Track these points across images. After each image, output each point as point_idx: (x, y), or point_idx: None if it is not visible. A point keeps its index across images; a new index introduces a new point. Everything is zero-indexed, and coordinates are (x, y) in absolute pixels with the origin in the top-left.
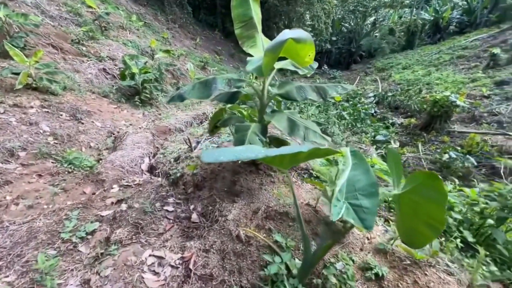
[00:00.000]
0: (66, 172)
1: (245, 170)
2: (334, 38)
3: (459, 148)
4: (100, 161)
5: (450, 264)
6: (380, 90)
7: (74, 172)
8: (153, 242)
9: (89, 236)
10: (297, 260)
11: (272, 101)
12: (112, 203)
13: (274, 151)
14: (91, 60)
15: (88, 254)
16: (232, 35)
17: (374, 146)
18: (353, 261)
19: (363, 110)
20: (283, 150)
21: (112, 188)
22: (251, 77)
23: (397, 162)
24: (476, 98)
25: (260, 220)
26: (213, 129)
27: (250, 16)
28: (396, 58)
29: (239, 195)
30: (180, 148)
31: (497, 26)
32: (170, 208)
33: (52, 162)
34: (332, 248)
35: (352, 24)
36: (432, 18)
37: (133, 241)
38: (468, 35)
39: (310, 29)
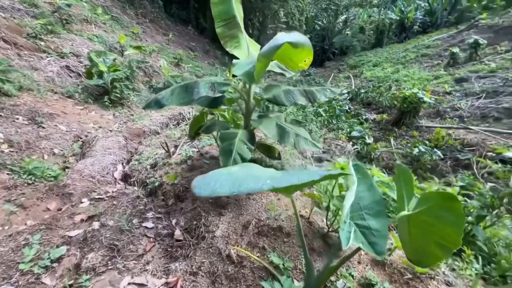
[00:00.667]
0: (25, 185)
1: None
2: (308, 36)
3: (427, 142)
4: (67, 170)
5: (448, 273)
6: (353, 87)
7: (35, 184)
8: (132, 267)
9: (55, 264)
10: (296, 283)
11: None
12: (82, 220)
13: (282, 181)
14: (51, 56)
15: (54, 287)
16: (206, 31)
17: (351, 142)
18: (352, 276)
19: (338, 107)
20: (293, 179)
21: (82, 202)
22: (231, 77)
23: (408, 180)
24: (439, 94)
25: (251, 237)
26: (195, 135)
27: (233, 15)
28: (367, 55)
29: (226, 206)
30: (156, 153)
31: (455, 27)
32: (150, 224)
33: (7, 174)
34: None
35: (324, 22)
36: (398, 18)
37: (109, 267)
38: (430, 34)
39: (285, 26)
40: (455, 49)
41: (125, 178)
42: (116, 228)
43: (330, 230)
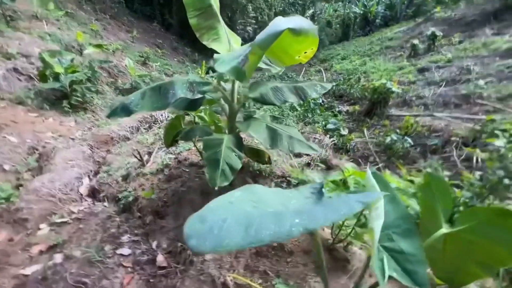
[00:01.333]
0: None
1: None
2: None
3: (398, 130)
4: (21, 189)
5: None
6: (325, 81)
7: None
8: None
9: None
10: None
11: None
12: (41, 252)
13: (316, 218)
14: None
15: None
16: (173, 27)
17: (328, 135)
18: None
19: (312, 101)
20: (330, 214)
21: (39, 229)
22: (204, 74)
23: (444, 191)
24: (405, 84)
25: (249, 258)
26: (171, 143)
27: (208, 3)
28: (335, 49)
29: None
30: (128, 163)
31: (413, 20)
32: (126, 251)
33: None
34: (339, 281)
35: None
36: (361, 12)
37: None
38: (392, 27)
39: (254, 21)
40: (416, 41)
41: (93, 193)
42: (84, 260)
43: (335, 241)
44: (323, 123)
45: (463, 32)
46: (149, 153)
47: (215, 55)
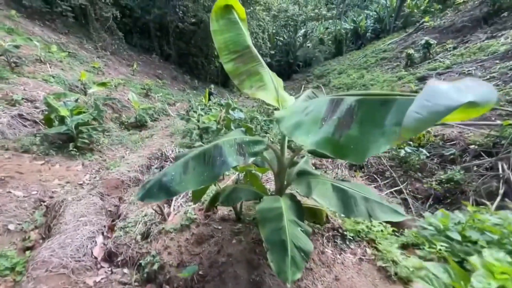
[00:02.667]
0: None
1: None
2: (272, 52)
3: (410, 142)
4: (28, 254)
5: None
6: (324, 94)
7: None
8: None
9: None
10: None
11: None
12: None
13: None
14: None
15: None
16: (171, 57)
17: None
18: None
19: None
20: None
21: None
22: (207, 102)
23: None
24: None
25: None
26: (210, 208)
27: (246, 45)
28: (331, 64)
29: None
30: (145, 215)
31: (404, 31)
32: None
33: None
34: None
35: (285, 37)
36: (352, 28)
37: None
38: (384, 39)
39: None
40: (410, 51)
41: (110, 256)
42: None
43: None
44: None
45: (455, 39)
46: (167, 201)
47: (277, 114)
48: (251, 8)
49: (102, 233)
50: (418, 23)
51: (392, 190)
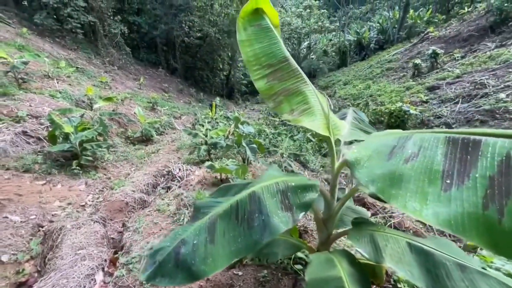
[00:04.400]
0: None
1: None
2: None
3: None
4: None
5: None
6: (332, 107)
7: None
8: None
9: None
10: None
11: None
12: None
13: None
14: (3, 122)
15: None
16: (177, 70)
17: None
18: None
19: None
20: None
21: None
22: (213, 115)
23: None
24: (417, 104)
25: None
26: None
27: (282, 56)
28: (335, 75)
29: None
30: (151, 248)
31: (408, 41)
32: None
33: None
34: None
35: (289, 49)
36: (355, 39)
37: None
38: (388, 50)
39: None
40: (417, 61)
41: None
42: None
43: None
44: None
45: (462, 48)
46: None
47: (352, 157)
48: None
49: (103, 269)
50: (422, 33)
51: None
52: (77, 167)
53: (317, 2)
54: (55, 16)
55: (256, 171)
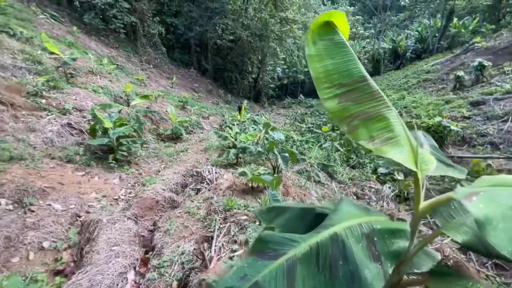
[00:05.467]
0: None
1: None
2: (306, 70)
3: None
4: (57, 280)
5: None
6: None
7: None
8: None
9: None
10: None
11: None
12: None
13: None
14: (51, 114)
15: None
16: (208, 71)
17: (387, 185)
18: None
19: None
20: None
21: None
22: (241, 118)
23: None
24: (457, 119)
25: None
26: None
27: (359, 75)
28: None
29: None
30: (183, 253)
31: (450, 51)
32: None
33: None
34: None
35: None
36: (390, 47)
37: None
38: (427, 60)
39: (283, 62)
40: (460, 73)
41: None
42: None
43: None
44: (372, 166)
45: None
46: (207, 240)
47: (480, 214)
48: (289, 27)
49: (134, 268)
50: (466, 43)
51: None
52: (113, 161)
53: (352, 8)
54: (101, 17)
55: (287, 181)
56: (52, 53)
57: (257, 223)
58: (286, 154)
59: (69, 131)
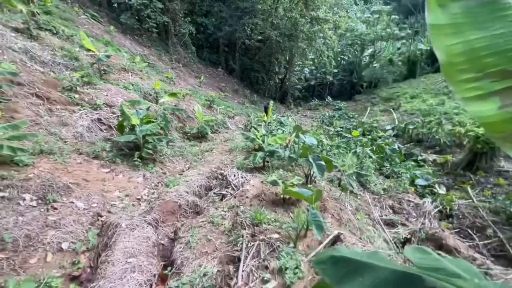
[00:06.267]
0: None
1: None
2: (335, 70)
3: None
4: (73, 287)
5: None
6: (397, 122)
7: None
8: None
9: None
10: None
11: None
12: None
13: None
14: (84, 109)
15: None
16: (235, 71)
17: (429, 199)
18: None
19: (387, 146)
20: None
21: None
22: (267, 120)
23: None
24: None
25: None
26: None
27: None
28: (401, 87)
29: None
30: (205, 274)
31: None
32: None
33: None
34: None
35: (350, 56)
36: (428, 48)
37: None
38: None
39: (311, 62)
40: None
41: None
42: None
43: None
44: (409, 176)
45: None
46: (231, 259)
47: None
48: (319, 26)
49: (151, 286)
50: None
51: (496, 254)
52: (138, 159)
53: (387, 7)
54: (136, 17)
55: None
56: (89, 50)
57: (291, 244)
58: (322, 163)
59: (98, 126)
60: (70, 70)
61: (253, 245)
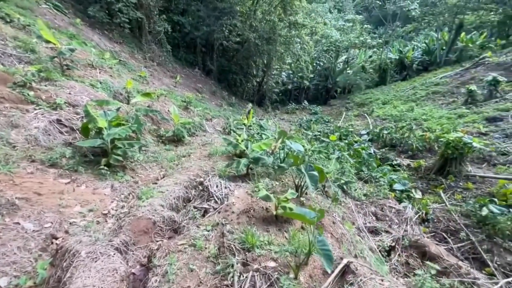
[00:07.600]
0: None
1: None
2: (311, 75)
3: (491, 197)
4: None
5: None
6: (371, 127)
7: None
8: None
9: None
10: None
11: None
12: None
13: None
14: (40, 108)
15: None
16: (212, 72)
17: (410, 205)
18: None
19: (363, 150)
20: None
21: None
22: (248, 122)
23: None
24: (473, 135)
25: None
26: None
27: None
28: (373, 93)
29: None
30: None
31: (460, 65)
32: None
33: None
34: None
35: (325, 62)
36: (397, 57)
37: None
38: (435, 72)
39: (288, 67)
40: (472, 87)
41: None
42: None
43: None
44: (386, 181)
45: None
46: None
47: None
48: (297, 31)
49: None
50: (476, 58)
51: (470, 256)
52: (105, 166)
53: (360, 17)
54: (107, 10)
55: (314, 205)
56: (49, 42)
57: (291, 275)
58: (315, 173)
59: (58, 128)
60: (24, 64)
61: (246, 277)
